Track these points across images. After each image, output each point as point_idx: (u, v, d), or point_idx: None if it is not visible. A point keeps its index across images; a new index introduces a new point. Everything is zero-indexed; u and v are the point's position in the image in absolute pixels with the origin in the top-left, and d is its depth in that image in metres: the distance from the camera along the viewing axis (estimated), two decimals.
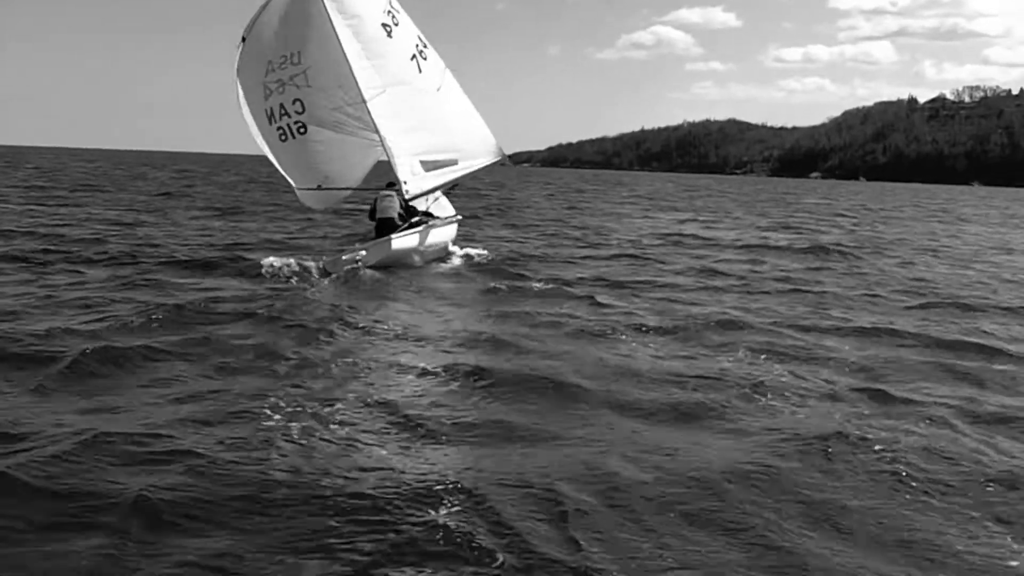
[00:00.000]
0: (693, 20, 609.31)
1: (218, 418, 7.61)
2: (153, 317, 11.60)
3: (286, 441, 7.08)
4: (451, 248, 20.30)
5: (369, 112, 17.88)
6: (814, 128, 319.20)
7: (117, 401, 8.12)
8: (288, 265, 16.82)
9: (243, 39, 17.85)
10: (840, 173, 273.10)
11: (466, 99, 20.39)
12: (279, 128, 17.80)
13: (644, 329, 12.52)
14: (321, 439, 7.18)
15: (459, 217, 21.24)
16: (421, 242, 18.43)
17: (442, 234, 19.61)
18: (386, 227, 18.00)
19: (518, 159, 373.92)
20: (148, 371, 9.21)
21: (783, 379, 9.87)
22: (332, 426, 7.50)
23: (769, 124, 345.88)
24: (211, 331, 11.04)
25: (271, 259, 17.16)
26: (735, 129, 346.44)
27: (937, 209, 68.15)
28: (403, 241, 17.84)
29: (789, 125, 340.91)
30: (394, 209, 18.27)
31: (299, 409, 7.89)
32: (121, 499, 5.78)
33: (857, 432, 7.84)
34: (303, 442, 7.09)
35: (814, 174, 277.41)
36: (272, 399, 8.15)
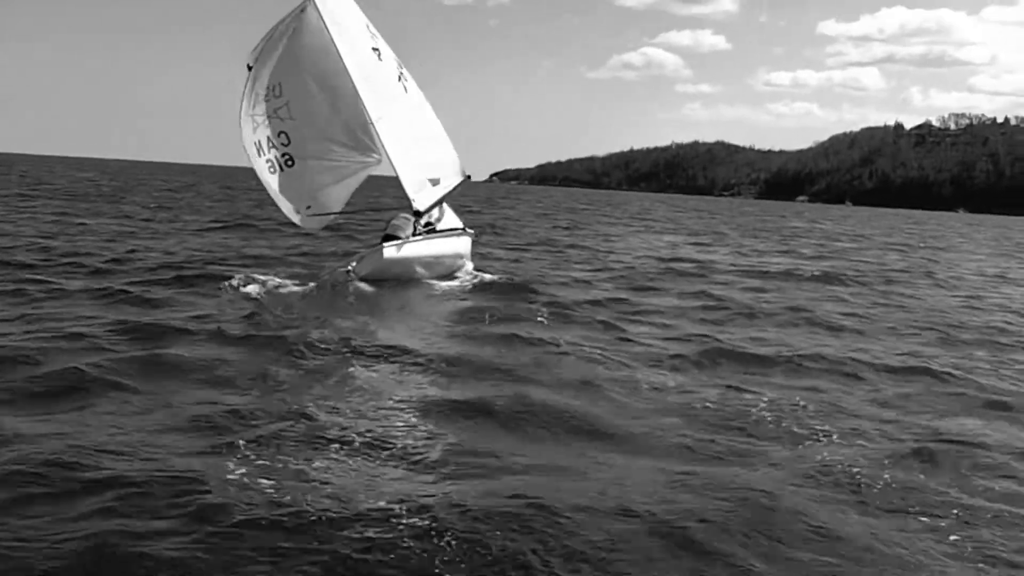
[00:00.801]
0: (683, 43, 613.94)
1: (173, 439, 7.30)
2: (112, 335, 11.05)
3: (240, 462, 6.78)
4: (466, 264, 19.42)
5: (378, 133, 17.72)
6: (801, 152, 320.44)
7: (64, 423, 7.62)
8: (257, 282, 15.88)
9: (249, 67, 17.63)
10: (827, 197, 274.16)
11: (436, 118, 20.36)
12: (268, 160, 17.63)
13: (646, 357, 11.95)
14: (277, 463, 6.85)
15: (472, 231, 20.33)
16: (420, 253, 17.55)
17: (447, 246, 18.60)
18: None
19: (506, 176, 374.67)
20: (99, 391, 8.65)
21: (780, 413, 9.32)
22: (288, 449, 7.17)
23: (757, 147, 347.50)
24: (170, 350, 10.48)
25: (239, 277, 16.14)
26: (723, 151, 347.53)
27: (935, 235, 67.94)
28: (397, 251, 16.90)
29: (777, 148, 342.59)
30: (403, 230, 17.53)
31: (256, 431, 7.55)
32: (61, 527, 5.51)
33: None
34: (258, 464, 6.77)
35: (801, 197, 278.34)
36: (225, 420, 7.83)
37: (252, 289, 15.45)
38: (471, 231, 20.33)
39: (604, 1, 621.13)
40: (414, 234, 17.72)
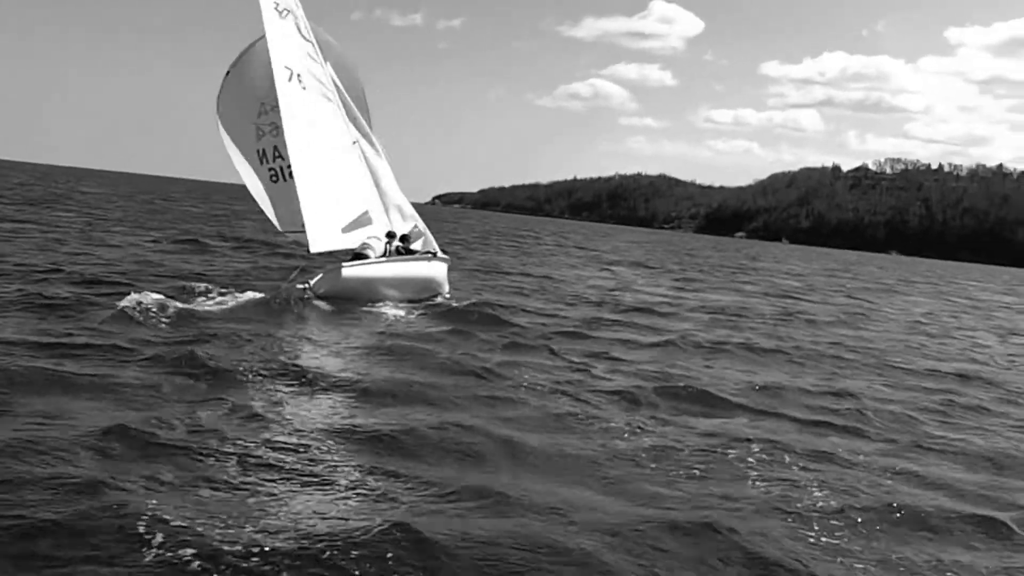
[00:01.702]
0: (630, 76, 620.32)
1: (70, 459, 6.87)
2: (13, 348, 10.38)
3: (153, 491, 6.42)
4: (443, 288, 19.08)
5: (364, 155, 18.30)
6: (741, 189, 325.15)
7: None
8: (161, 302, 14.30)
9: (227, 72, 17.95)
10: (764, 234, 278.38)
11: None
12: (271, 169, 17.86)
13: (596, 390, 11.69)
14: (188, 490, 6.55)
15: (446, 256, 19.99)
16: (382, 274, 17.09)
17: (414, 269, 18.13)
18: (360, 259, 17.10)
19: (449, 199, 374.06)
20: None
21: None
22: (198, 472, 6.91)
23: (698, 182, 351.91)
24: (72, 368, 9.84)
25: (139, 296, 14.38)
26: (665, 184, 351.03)
27: (876, 278, 68.87)
28: (357, 271, 16.50)
29: (717, 184, 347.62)
30: (374, 250, 17.29)
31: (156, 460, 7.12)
32: None
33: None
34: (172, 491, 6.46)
35: (739, 233, 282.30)
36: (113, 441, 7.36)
37: (151, 303, 14.10)
38: (445, 256, 19.88)
39: (554, 30, 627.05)
40: (385, 254, 17.41)
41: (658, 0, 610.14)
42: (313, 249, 17.07)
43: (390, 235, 17.97)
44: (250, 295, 16.20)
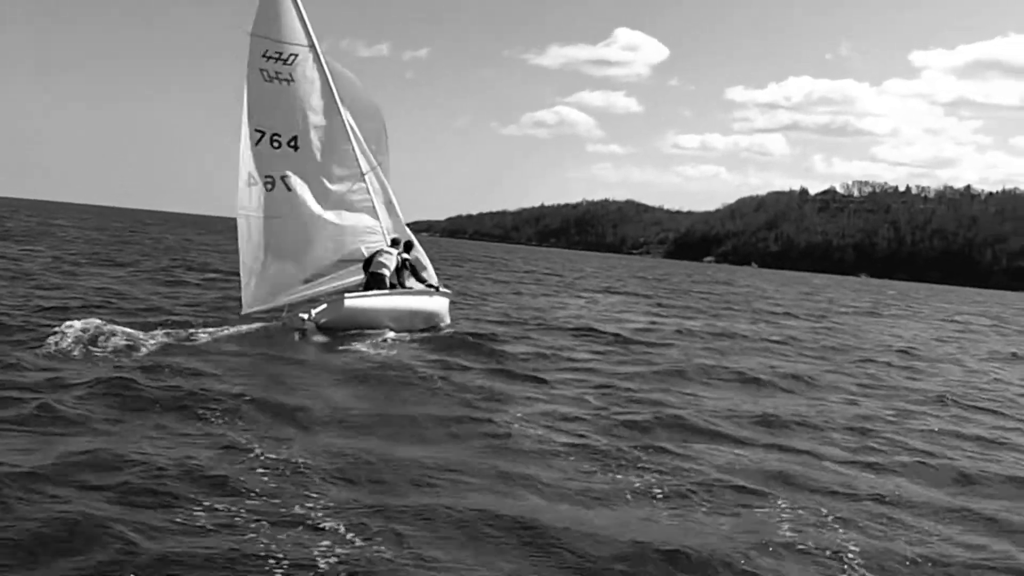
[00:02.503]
0: (596, 103, 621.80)
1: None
2: None
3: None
4: (443, 322, 19.24)
5: (368, 186, 18.18)
6: (709, 214, 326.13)
7: None
8: (86, 331, 13.81)
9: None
10: (733, 258, 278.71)
11: None
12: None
13: (578, 418, 11.26)
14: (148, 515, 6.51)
15: (449, 291, 20.38)
16: (384, 306, 17.46)
17: (416, 303, 18.42)
18: (375, 282, 17.39)
19: (418, 228, 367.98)
20: None
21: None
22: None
23: (666, 207, 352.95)
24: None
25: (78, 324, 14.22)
26: (633, 210, 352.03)
27: (859, 301, 67.99)
28: (360, 302, 16.97)
29: (685, 209, 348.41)
30: (388, 267, 17.60)
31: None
32: None
33: None
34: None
35: (708, 258, 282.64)
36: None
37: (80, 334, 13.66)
38: (448, 290, 20.34)
39: (519, 59, 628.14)
40: (399, 267, 17.87)
41: (622, 27, 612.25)
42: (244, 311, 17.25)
43: (394, 242, 18.24)
44: (243, 326, 16.26)
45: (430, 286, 18.97)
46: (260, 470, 7.81)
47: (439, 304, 19.31)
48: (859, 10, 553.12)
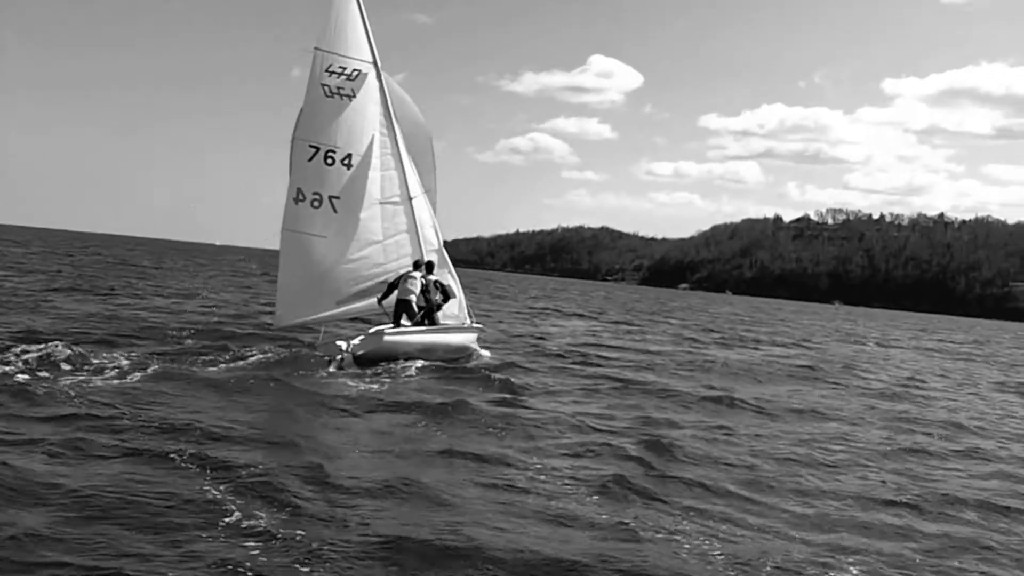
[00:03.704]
0: (570, 130, 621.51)
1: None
2: None
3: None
4: (473, 355, 19.61)
5: (414, 210, 18.52)
6: (684, 240, 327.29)
7: None
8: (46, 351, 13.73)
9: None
10: (708, 285, 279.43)
11: None
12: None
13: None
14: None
15: (479, 326, 20.89)
16: (420, 341, 17.91)
17: (449, 339, 18.93)
18: (403, 308, 17.83)
19: None
20: None
21: None
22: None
23: (641, 234, 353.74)
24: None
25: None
26: (608, 237, 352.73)
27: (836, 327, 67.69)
28: (398, 338, 17.51)
29: (660, 236, 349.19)
30: (414, 292, 17.95)
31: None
32: None
33: None
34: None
35: (683, 285, 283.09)
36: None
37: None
38: (479, 325, 20.88)
39: (493, 85, 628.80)
40: (423, 289, 18.18)
41: (597, 54, 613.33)
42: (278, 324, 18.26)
43: (416, 264, 18.41)
44: (270, 352, 16.80)
45: (462, 323, 19.83)
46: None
47: (469, 338, 19.96)
48: (832, 39, 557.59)
